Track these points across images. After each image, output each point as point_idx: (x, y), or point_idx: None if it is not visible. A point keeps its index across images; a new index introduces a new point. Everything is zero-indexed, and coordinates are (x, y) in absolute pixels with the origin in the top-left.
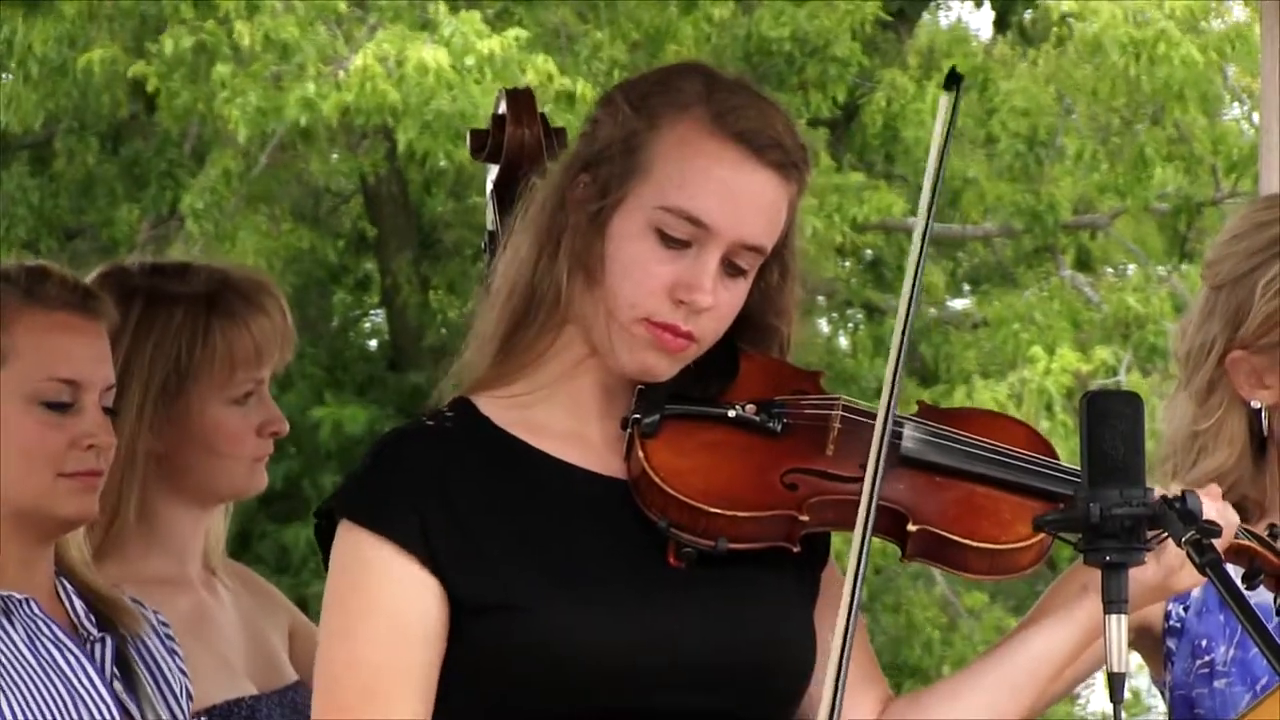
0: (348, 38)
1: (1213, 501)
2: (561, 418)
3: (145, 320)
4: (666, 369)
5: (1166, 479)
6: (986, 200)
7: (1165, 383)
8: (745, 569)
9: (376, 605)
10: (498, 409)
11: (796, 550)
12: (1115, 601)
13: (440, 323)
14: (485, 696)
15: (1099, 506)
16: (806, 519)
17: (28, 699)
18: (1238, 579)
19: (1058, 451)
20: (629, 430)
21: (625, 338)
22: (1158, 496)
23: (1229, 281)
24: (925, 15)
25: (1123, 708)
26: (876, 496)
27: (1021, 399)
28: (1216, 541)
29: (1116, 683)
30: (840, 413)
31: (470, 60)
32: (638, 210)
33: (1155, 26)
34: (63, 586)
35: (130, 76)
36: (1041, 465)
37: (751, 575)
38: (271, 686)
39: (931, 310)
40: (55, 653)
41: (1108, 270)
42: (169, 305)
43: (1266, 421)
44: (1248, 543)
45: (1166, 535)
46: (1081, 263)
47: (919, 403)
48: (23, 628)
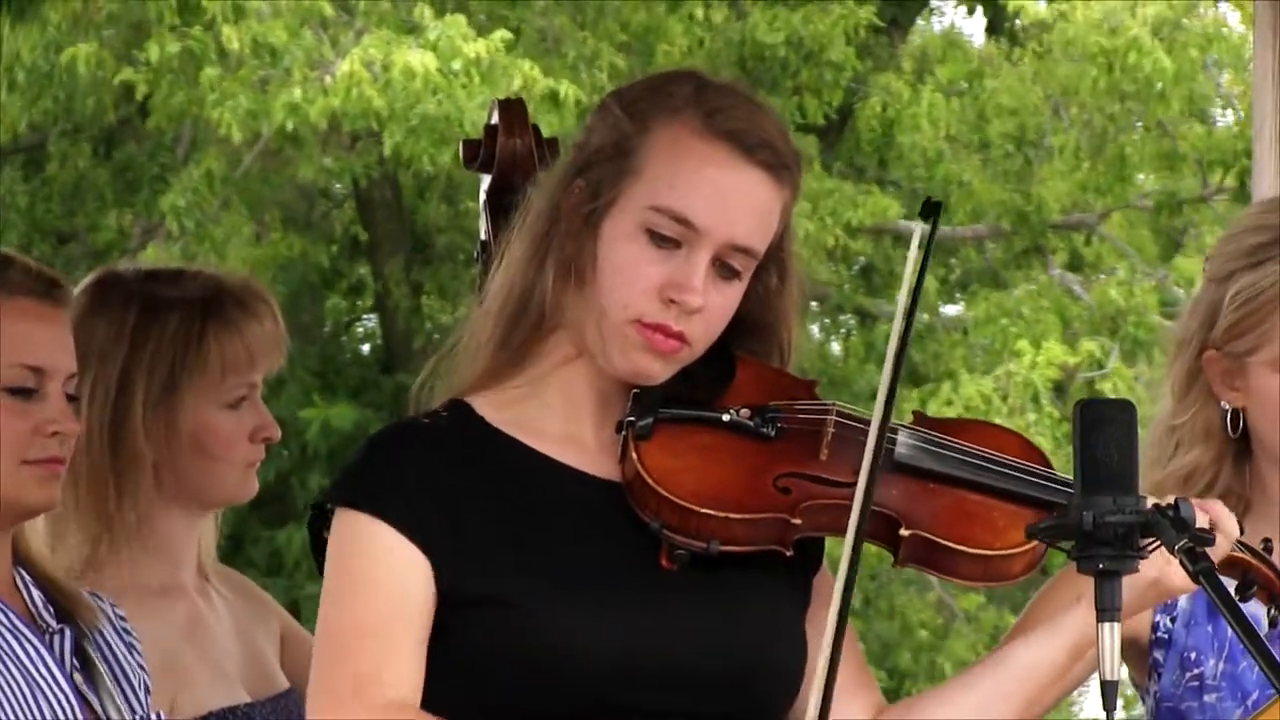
0: (334, 42)
1: (1207, 513)
2: (556, 420)
3: (141, 326)
4: (659, 371)
5: (1148, 469)
6: (975, 201)
7: (1153, 371)
8: (737, 572)
9: (373, 576)
10: (492, 409)
11: (789, 554)
12: (1108, 609)
13: (432, 327)
14: (478, 697)
15: (1092, 514)
16: (799, 523)
17: None
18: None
19: (1047, 453)
20: (623, 433)
21: (617, 339)
22: (1151, 505)
23: (1214, 280)
24: (919, 20)
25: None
26: (869, 500)
27: (1007, 393)
28: (1212, 551)
29: (1109, 690)
30: (834, 418)
31: (457, 64)
32: (629, 211)
33: (1127, 35)
34: (20, 577)
35: (118, 83)
36: (1034, 474)
37: (743, 578)
38: (265, 694)
39: (924, 316)
40: (13, 642)
41: (1100, 276)
42: (164, 311)
43: (1240, 421)
44: (1241, 555)
45: (1159, 543)
46: (1073, 265)
47: (915, 413)
48: None
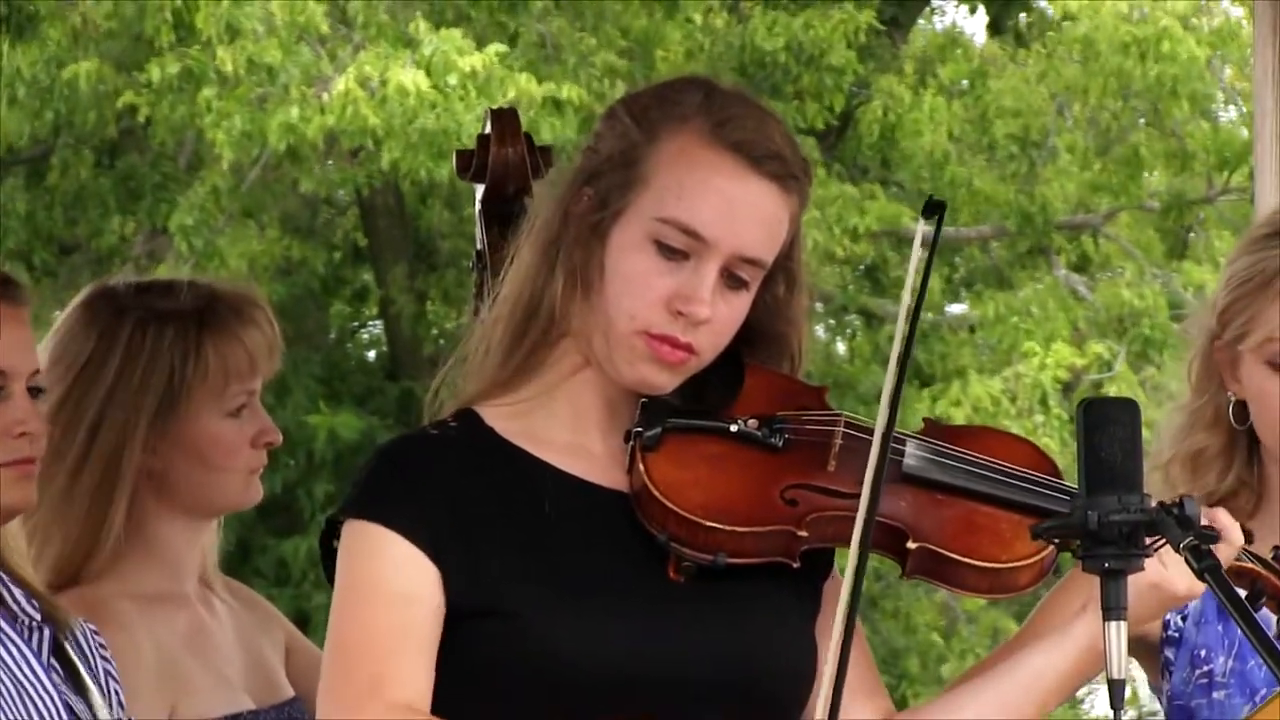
0: (331, 57)
1: (1217, 520)
2: (564, 429)
3: (136, 340)
4: (666, 382)
5: (1161, 452)
6: (979, 202)
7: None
8: (744, 584)
9: (383, 585)
10: (501, 419)
11: (796, 566)
12: (1114, 608)
13: (438, 333)
14: (485, 706)
15: (1097, 513)
16: (805, 535)
17: None
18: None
19: (1054, 455)
20: (631, 443)
21: (624, 350)
22: (1155, 503)
23: (1224, 269)
24: (919, 21)
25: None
26: (874, 513)
27: (1016, 394)
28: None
29: (1116, 689)
30: (842, 429)
31: (453, 79)
32: (637, 221)
33: (1157, 24)
34: (0, 578)
35: (120, 105)
36: (1044, 484)
37: (751, 590)
38: (269, 702)
39: (929, 315)
40: None
41: (1107, 275)
42: (159, 324)
43: (1245, 411)
44: (1250, 565)
45: (1165, 541)
46: (1079, 266)
47: (925, 420)
48: None
